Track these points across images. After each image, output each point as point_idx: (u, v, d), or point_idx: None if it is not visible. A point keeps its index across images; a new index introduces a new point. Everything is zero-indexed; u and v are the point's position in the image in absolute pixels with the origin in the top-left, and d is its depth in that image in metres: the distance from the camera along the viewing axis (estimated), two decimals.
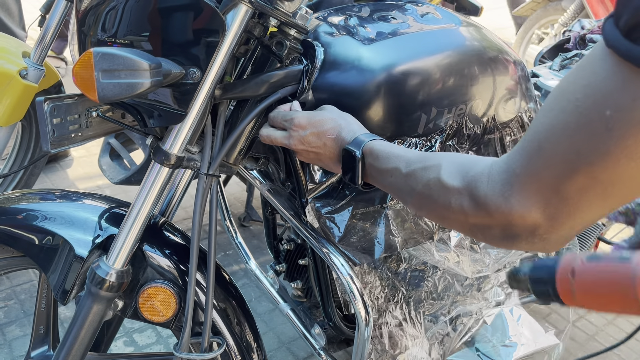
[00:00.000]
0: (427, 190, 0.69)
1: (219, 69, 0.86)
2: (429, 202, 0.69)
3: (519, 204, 0.55)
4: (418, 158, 0.74)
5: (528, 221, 0.55)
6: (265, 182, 1.14)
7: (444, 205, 0.65)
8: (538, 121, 0.54)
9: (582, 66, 0.51)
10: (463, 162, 0.66)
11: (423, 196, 0.70)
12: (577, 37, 1.67)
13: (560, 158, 0.50)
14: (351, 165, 0.83)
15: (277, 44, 0.93)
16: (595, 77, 0.48)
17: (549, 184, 0.52)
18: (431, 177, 0.68)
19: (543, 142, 0.52)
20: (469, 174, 0.62)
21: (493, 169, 0.59)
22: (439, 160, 0.69)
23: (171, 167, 0.90)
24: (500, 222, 0.58)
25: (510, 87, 1.16)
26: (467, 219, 0.62)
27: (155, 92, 0.85)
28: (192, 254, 0.92)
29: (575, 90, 0.50)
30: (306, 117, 0.90)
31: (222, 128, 0.95)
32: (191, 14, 0.82)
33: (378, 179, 0.82)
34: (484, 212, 0.59)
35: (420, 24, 1.07)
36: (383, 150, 0.80)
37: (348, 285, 0.97)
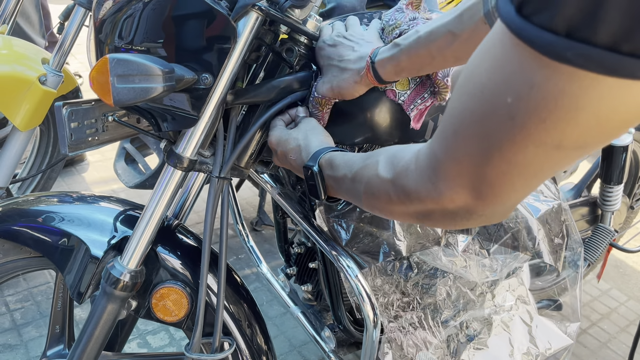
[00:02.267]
0: (369, 188, 0.69)
1: (231, 74, 0.88)
2: (374, 200, 0.69)
3: (446, 188, 0.54)
4: (361, 159, 0.74)
5: (458, 203, 0.55)
6: (276, 185, 1.16)
7: (386, 200, 0.66)
8: (452, 104, 0.52)
9: (486, 45, 0.48)
10: (395, 154, 0.66)
11: (368, 195, 0.70)
12: None
13: (474, 143, 0.50)
14: (312, 181, 0.83)
15: (287, 50, 0.95)
16: (494, 60, 0.45)
17: (469, 168, 0.51)
18: (371, 174, 0.69)
19: (457, 126, 0.51)
20: (399, 164, 0.63)
21: (419, 156, 0.59)
22: (376, 157, 0.69)
23: (184, 170, 0.92)
24: (435, 208, 0.58)
25: None
26: (408, 208, 0.62)
27: (169, 97, 0.87)
28: (204, 256, 0.94)
29: (480, 73, 0.47)
30: (277, 135, 0.93)
31: (233, 132, 0.97)
32: (204, 21, 0.85)
33: (336, 189, 0.81)
34: (417, 201, 0.59)
35: None
36: (337, 159, 0.80)
37: (357, 288, 0.98)
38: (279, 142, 0.92)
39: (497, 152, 0.48)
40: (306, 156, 0.86)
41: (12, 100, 1.59)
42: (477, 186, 0.52)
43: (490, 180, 0.50)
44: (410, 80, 0.96)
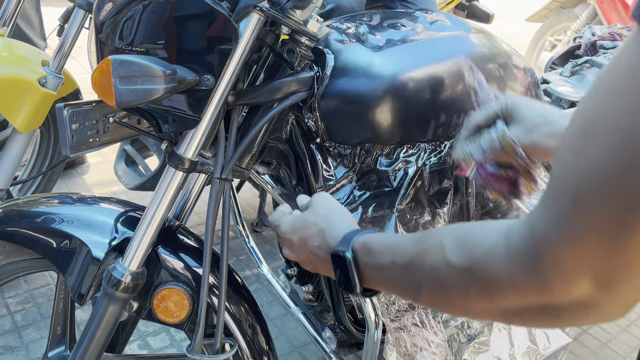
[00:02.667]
0: (435, 280, 0.54)
1: (232, 75, 0.89)
2: (442, 295, 0.54)
3: (558, 278, 0.42)
4: (413, 242, 0.59)
5: (575, 296, 0.42)
6: (277, 186, 1.16)
7: (461, 295, 0.51)
8: (565, 164, 0.40)
9: (613, 83, 0.38)
10: (467, 234, 0.52)
11: (432, 289, 0.55)
12: (588, 43, 1.68)
13: (606, 214, 0.38)
14: (344, 269, 0.66)
15: (288, 51, 0.95)
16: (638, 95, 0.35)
17: (596, 249, 0.39)
18: (435, 262, 0.54)
19: (578, 193, 0.39)
20: (479, 248, 0.49)
21: (511, 236, 0.46)
22: (438, 239, 0.55)
23: (185, 171, 0.92)
24: (538, 302, 0.45)
25: (520, 93, 1.17)
26: (494, 305, 0.48)
27: (170, 98, 0.87)
28: (205, 256, 0.94)
29: (614, 117, 0.37)
30: (290, 222, 0.80)
31: (234, 133, 0.97)
32: (205, 22, 0.85)
33: (377, 279, 0.64)
34: (512, 295, 0.46)
35: (429, 31, 1.08)
36: (376, 242, 0.65)
37: None
38: (295, 228, 0.78)
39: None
40: (333, 240, 0.71)
41: (12, 102, 1.59)
42: (606, 273, 0.40)
43: (625, 258, 0.38)
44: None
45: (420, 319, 1.18)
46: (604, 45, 1.63)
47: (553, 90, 1.51)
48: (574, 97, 1.48)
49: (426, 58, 1.02)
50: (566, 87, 1.53)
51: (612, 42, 1.60)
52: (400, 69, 1.00)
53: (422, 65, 1.01)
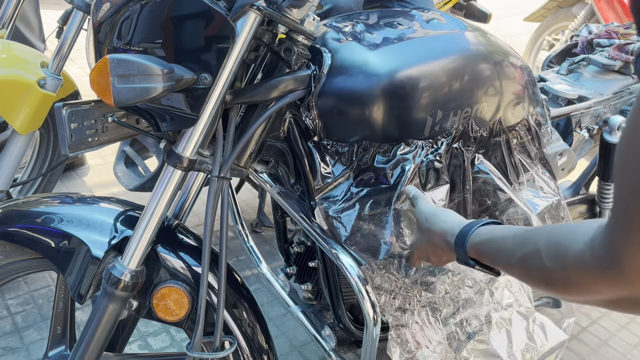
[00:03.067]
0: (538, 277, 0.66)
1: (230, 74, 0.89)
2: (548, 289, 0.65)
3: (637, 275, 0.50)
4: (515, 246, 0.71)
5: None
6: (275, 185, 1.17)
7: (562, 290, 0.61)
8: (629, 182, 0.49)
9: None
10: (559, 242, 0.61)
11: (537, 284, 0.67)
12: (585, 41, 1.68)
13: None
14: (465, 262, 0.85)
15: (285, 50, 0.96)
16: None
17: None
18: (536, 266, 0.65)
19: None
20: (569, 255, 0.58)
21: (595, 246, 0.55)
22: (535, 245, 0.65)
23: (184, 169, 0.93)
24: (628, 294, 0.53)
25: (516, 91, 1.18)
26: (593, 297, 0.58)
27: (168, 97, 0.88)
28: (204, 254, 0.95)
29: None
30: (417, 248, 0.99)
31: (233, 132, 0.98)
32: (203, 21, 0.86)
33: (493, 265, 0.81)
34: (604, 289, 0.55)
35: (426, 30, 1.09)
36: (485, 248, 0.79)
37: (356, 286, 0.99)
38: (421, 247, 0.97)
39: None
40: (450, 237, 0.87)
41: (11, 103, 1.60)
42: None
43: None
44: None
45: (420, 317, 1.19)
46: (600, 43, 1.64)
47: (550, 89, 1.51)
48: (570, 94, 1.49)
49: (422, 56, 1.03)
50: (563, 85, 1.53)
51: (608, 40, 1.61)
52: (397, 66, 1.00)
53: (419, 63, 1.01)
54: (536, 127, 1.25)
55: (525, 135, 1.24)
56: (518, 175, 1.23)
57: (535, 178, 1.27)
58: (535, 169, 1.27)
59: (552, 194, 1.26)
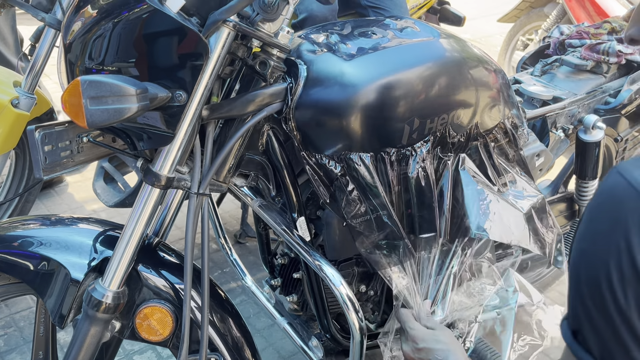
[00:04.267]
0: None
1: (205, 90, 0.89)
2: None
3: None
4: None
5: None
6: (256, 197, 1.16)
7: None
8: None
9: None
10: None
11: None
12: (557, 42, 1.71)
13: None
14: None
15: (260, 63, 0.95)
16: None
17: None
18: None
19: None
20: None
21: None
22: None
23: (162, 187, 0.92)
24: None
25: (491, 95, 1.19)
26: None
27: (144, 116, 0.87)
28: (186, 273, 0.94)
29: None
30: (423, 334, 1.04)
31: (210, 147, 0.97)
32: (175, 39, 0.85)
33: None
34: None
35: (400, 38, 1.10)
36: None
37: (341, 297, 0.99)
38: (425, 339, 1.03)
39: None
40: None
41: None
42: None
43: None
44: None
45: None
46: (572, 43, 1.67)
47: (525, 90, 1.53)
48: (545, 96, 1.51)
49: (397, 65, 1.03)
50: (537, 87, 1.55)
51: (579, 40, 1.64)
52: (372, 76, 1.01)
53: (394, 72, 1.02)
54: (513, 130, 1.26)
55: (502, 138, 1.25)
56: (500, 177, 1.24)
57: (516, 179, 1.28)
58: (514, 171, 1.28)
59: (534, 193, 1.27)
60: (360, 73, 1.01)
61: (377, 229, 1.03)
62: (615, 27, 1.64)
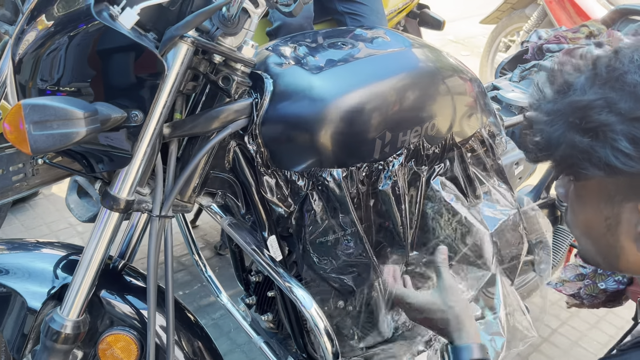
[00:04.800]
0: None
1: (163, 109, 0.85)
2: None
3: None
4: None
5: None
6: (226, 216, 1.12)
7: None
8: None
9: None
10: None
11: None
12: (535, 47, 1.69)
13: None
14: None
15: (223, 78, 0.91)
16: None
17: None
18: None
19: None
20: None
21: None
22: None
23: (121, 211, 0.88)
24: None
25: (467, 105, 1.16)
26: None
27: (99, 137, 0.83)
28: (149, 299, 0.90)
29: None
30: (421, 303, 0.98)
31: (173, 167, 0.93)
32: (130, 56, 0.81)
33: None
34: None
35: (370, 49, 1.06)
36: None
37: (312, 320, 0.95)
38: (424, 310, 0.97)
39: None
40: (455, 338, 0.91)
41: None
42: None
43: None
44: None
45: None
46: (550, 48, 1.65)
47: (503, 97, 1.51)
48: (523, 102, 1.48)
49: (367, 77, 1.00)
50: (516, 93, 1.53)
51: (557, 45, 1.62)
52: (341, 90, 0.97)
53: (363, 85, 0.99)
54: (490, 139, 1.23)
55: (479, 147, 1.22)
56: (475, 189, 1.21)
57: (491, 191, 1.25)
58: (491, 182, 1.25)
59: (509, 206, 1.25)
60: (329, 86, 0.97)
61: (344, 248, 0.99)
62: (593, 31, 1.62)
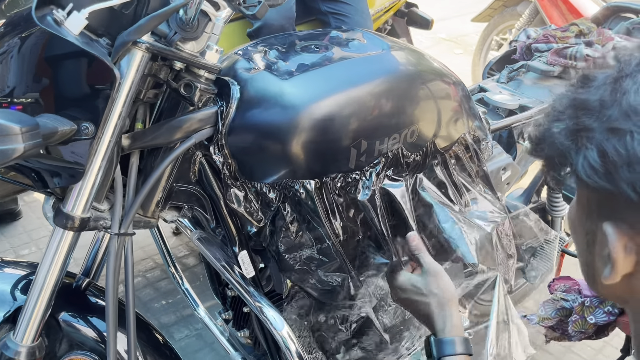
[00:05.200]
0: None
1: (118, 120, 0.79)
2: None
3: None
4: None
5: None
6: (196, 229, 1.06)
7: None
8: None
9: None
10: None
11: None
12: (523, 47, 1.63)
13: None
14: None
15: (185, 86, 0.86)
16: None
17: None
18: None
19: None
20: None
21: None
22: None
23: (75, 230, 0.82)
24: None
25: (451, 109, 1.11)
26: None
27: (49, 151, 0.77)
28: (109, 322, 0.84)
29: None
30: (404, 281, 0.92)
31: (134, 181, 0.88)
32: (79, 65, 0.75)
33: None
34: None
35: (345, 52, 1.01)
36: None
37: (284, 342, 0.90)
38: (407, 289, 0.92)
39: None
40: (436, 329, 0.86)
41: None
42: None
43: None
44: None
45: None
46: (539, 48, 1.59)
47: (489, 100, 1.45)
48: (511, 105, 1.43)
49: (340, 83, 0.94)
50: (503, 95, 1.47)
51: (546, 44, 1.56)
52: (313, 96, 0.92)
53: (336, 91, 0.93)
54: (475, 144, 1.18)
55: (463, 153, 1.17)
56: (461, 196, 1.16)
57: (478, 198, 1.20)
58: (477, 189, 1.20)
59: (497, 213, 1.19)
60: (299, 93, 0.92)
61: (319, 263, 0.94)
62: (583, 29, 1.57)
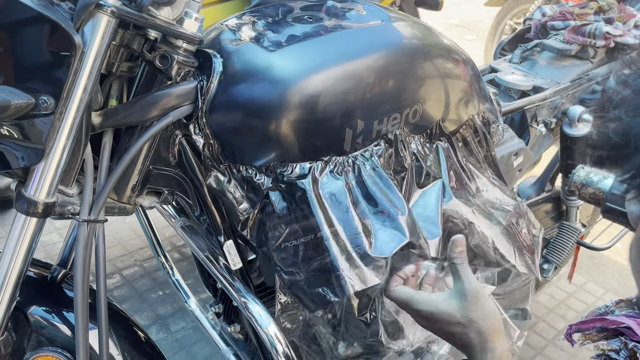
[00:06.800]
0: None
1: (84, 94, 0.71)
2: None
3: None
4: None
5: None
6: (179, 217, 0.99)
7: None
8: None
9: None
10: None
11: None
12: (538, 25, 1.53)
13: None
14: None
15: (161, 58, 0.77)
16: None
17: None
18: None
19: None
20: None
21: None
22: None
23: (39, 216, 0.74)
24: None
25: (458, 88, 1.01)
26: None
27: (10, 127, 0.70)
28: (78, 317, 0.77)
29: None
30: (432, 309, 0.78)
31: (106, 162, 0.80)
32: (37, 31, 0.67)
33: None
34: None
35: (339, 22, 0.91)
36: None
37: (270, 341, 0.82)
38: (436, 317, 0.78)
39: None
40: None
41: None
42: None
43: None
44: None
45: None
46: (555, 26, 1.49)
47: (501, 80, 1.35)
48: (524, 86, 1.33)
49: (333, 56, 0.85)
50: (516, 76, 1.37)
51: (563, 22, 1.46)
52: (303, 70, 0.83)
53: (329, 65, 0.84)
54: (484, 127, 1.09)
55: (471, 137, 1.07)
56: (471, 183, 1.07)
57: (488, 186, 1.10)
58: (486, 175, 1.10)
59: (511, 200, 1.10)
60: (288, 66, 0.83)
61: (312, 256, 0.85)
62: (603, 6, 1.45)
